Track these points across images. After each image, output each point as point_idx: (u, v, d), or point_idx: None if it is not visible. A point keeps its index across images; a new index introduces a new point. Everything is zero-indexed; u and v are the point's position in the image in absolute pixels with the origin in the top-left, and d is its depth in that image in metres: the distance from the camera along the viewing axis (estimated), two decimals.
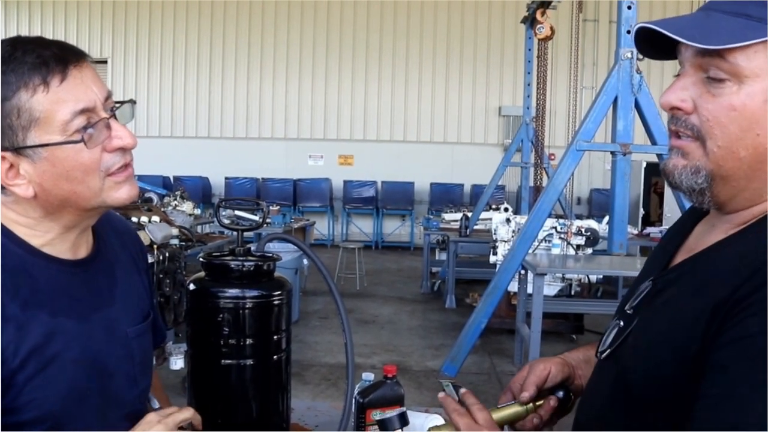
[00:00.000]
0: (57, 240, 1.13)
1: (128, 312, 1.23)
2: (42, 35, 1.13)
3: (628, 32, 4.81)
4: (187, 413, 1.20)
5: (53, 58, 1.03)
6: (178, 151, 14.38)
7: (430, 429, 1.18)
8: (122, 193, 1.12)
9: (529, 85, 8.90)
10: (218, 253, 1.45)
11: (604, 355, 1.09)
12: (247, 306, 1.38)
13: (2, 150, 1.03)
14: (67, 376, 1.08)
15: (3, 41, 1.04)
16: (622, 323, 1.08)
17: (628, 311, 1.07)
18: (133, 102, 1.16)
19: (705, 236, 1.03)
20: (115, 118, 1.10)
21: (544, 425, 1.25)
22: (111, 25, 14.54)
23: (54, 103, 1.02)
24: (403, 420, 1.16)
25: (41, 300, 1.07)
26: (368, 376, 1.71)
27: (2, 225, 1.09)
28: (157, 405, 1.25)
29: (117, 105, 1.11)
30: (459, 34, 14.10)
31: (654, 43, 0.95)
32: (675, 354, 0.90)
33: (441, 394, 1.24)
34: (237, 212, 6.90)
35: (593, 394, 1.14)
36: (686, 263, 1.02)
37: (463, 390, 1.23)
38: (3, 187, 1.06)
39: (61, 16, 14.50)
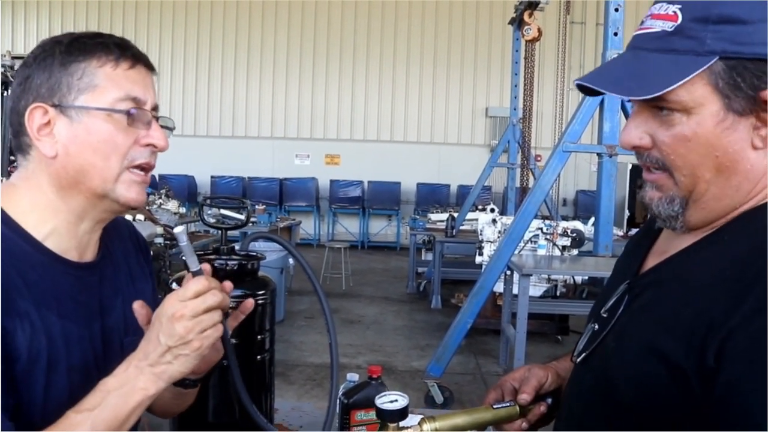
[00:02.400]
0: (64, 232, 1.11)
1: (125, 322, 1.21)
2: (26, 32, 1.14)
3: (615, 34, 4.83)
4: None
5: (131, 50, 1.13)
6: None
7: (421, 420, 1.17)
8: (132, 193, 1.12)
9: (516, 86, 8.92)
10: (201, 252, 1.44)
11: (580, 359, 1.09)
12: (230, 306, 1.37)
13: (48, 103, 1.07)
14: (67, 383, 1.07)
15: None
16: (596, 327, 1.08)
17: (603, 315, 1.06)
18: (172, 128, 1.23)
19: (675, 238, 1.03)
20: (157, 121, 1.15)
21: (528, 429, 1.25)
22: (96, 24, 14.44)
23: (115, 81, 1.08)
24: (404, 415, 1.15)
25: (50, 299, 1.06)
26: (353, 377, 1.70)
27: (11, 219, 1.08)
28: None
29: (161, 117, 1.17)
30: (446, 35, 14.12)
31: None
32: (661, 361, 0.89)
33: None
34: (222, 211, 6.86)
35: (571, 399, 1.14)
36: (662, 267, 1.02)
37: None
38: (28, 151, 1.09)
39: (45, 13, 14.38)
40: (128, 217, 4.84)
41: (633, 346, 0.96)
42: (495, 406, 1.24)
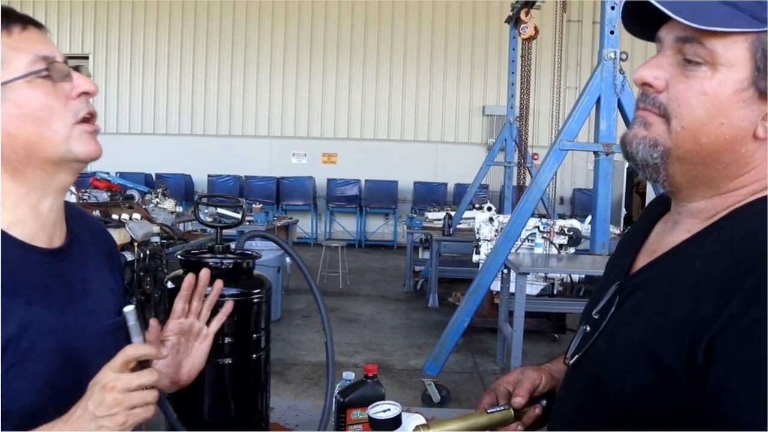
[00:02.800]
0: (28, 217, 1.10)
1: (103, 305, 1.21)
2: None
3: (612, 32, 4.83)
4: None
5: (14, 13, 1.08)
6: (161, 148, 14.30)
7: (416, 428, 1.17)
8: (90, 145, 1.11)
9: (512, 84, 8.92)
10: (197, 251, 1.43)
11: (572, 361, 1.09)
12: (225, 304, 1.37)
13: None
14: (44, 368, 1.06)
15: None
16: (588, 328, 1.07)
17: (595, 316, 1.06)
18: (84, 70, 1.17)
19: (665, 236, 1.03)
20: (76, 70, 1.12)
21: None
22: (93, 21, 14.43)
23: (16, 47, 1.05)
24: (397, 423, 1.14)
25: (17, 288, 1.05)
26: (349, 376, 1.70)
27: None
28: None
29: (74, 68, 1.13)
30: (443, 33, 14.12)
31: (638, 20, 0.95)
32: (652, 362, 0.89)
33: None
34: (219, 210, 6.86)
35: (564, 401, 1.14)
36: (652, 266, 1.01)
37: None
38: None
39: (41, 9, 14.35)
40: (124, 215, 4.83)
41: (624, 348, 0.95)
42: (489, 411, 1.23)
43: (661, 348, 0.88)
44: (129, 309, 1.09)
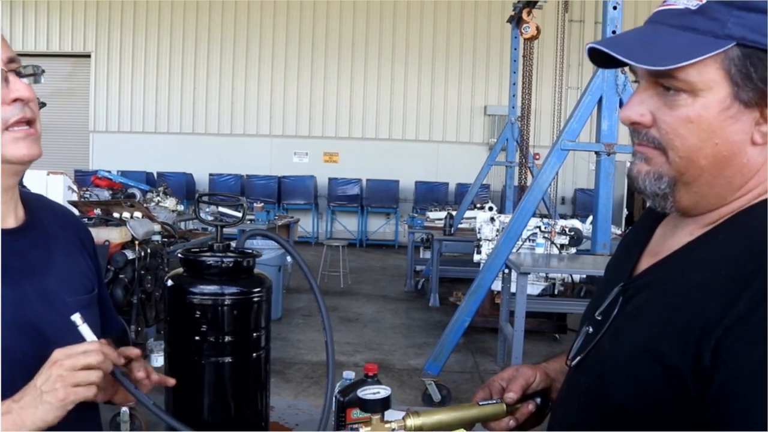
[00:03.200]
0: None
1: (67, 283, 1.23)
2: (24, 29, 1.14)
3: (614, 32, 4.82)
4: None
5: None
6: (162, 146, 14.31)
7: (406, 414, 1.17)
8: (21, 149, 1.12)
9: (514, 84, 8.91)
10: (197, 249, 1.43)
11: (575, 362, 1.09)
12: (225, 303, 1.36)
13: None
14: (1, 340, 1.08)
15: None
16: (591, 330, 1.07)
17: (597, 317, 1.06)
18: (40, 71, 1.18)
19: (668, 239, 1.03)
20: (17, 75, 1.12)
21: (517, 428, 1.25)
22: (94, 20, 14.43)
23: None
24: (386, 405, 1.15)
25: None
26: (349, 375, 1.70)
27: None
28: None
29: (23, 72, 1.14)
30: (445, 33, 14.11)
31: (607, 56, 0.95)
32: (657, 363, 0.89)
33: None
34: (220, 208, 6.86)
35: (565, 402, 1.14)
36: (656, 268, 1.01)
37: None
38: None
39: (43, 8, 14.36)
40: (125, 214, 4.83)
41: (628, 349, 0.95)
42: (481, 403, 1.24)
43: (667, 349, 0.88)
44: (75, 317, 1.12)
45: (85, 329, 1.12)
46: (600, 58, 0.97)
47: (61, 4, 14.46)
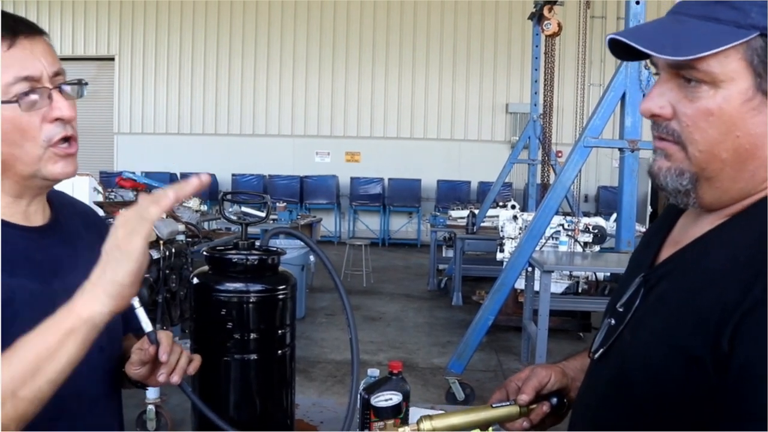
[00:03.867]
0: (6, 209, 1.15)
1: None
2: (49, 33, 1.15)
3: None
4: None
5: (5, 27, 1.07)
6: (185, 147, 14.42)
7: (420, 418, 1.18)
8: (58, 168, 1.14)
9: (536, 81, 8.86)
10: (222, 247, 1.44)
11: (597, 355, 1.08)
12: (250, 300, 1.37)
13: None
14: None
15: None
16: (613, 321, 1.06)
17: (619, 309, 1.05)
18: (82, 83, 1.18)
19: (690, 228, 1.02)
20: (60, 92, 1.12)
21: (532, 428, 1.25)
22: (118, 23, 14.58)
23: None
24: (398, 411, 1.16)
25: None
26: (373, 372, 1.70)
27: None
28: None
29: (67, 83, 1.14)
30: (466, 31, 14.07)
31: (628, 48, 0.94)
32: (677, 351, 0.89)
33: None
34: (243, 208, 6.89)
35: (588, 395, 1.13)
36: (676, 257, 1.00)
37: None
38: None
39: (68, 13, 14.52)
40: None
41: (648, 338, 0.95)
42: (494, 405, 1.24)
43: (687, 337, 0.88)
44: (134, 299, 1.11)
45: (141, 313, 1.13)
46: (621, 50, 0.96)
47: (85, 9, 14.62)
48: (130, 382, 1.32)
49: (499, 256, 6.65)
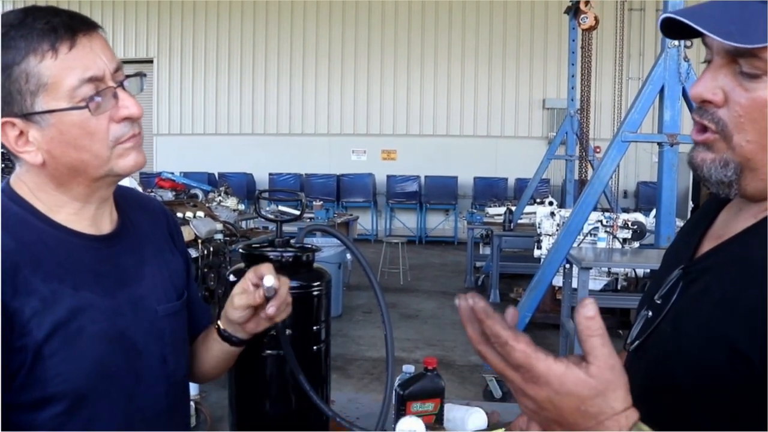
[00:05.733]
0: (75, 216, 1.13)
1: (158, 290, 1.22)
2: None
3: None
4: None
5: (62, 25, 1.03)
6: (223, 148, 14.57)
7: None
8: (129, 161, 1.11)
9: (573, 76, 8.77)
10: (257, 245, 1.46)
11: (633, 346, 1.07)
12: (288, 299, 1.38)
13: (12, 116, 1.04)
14: (94, 351, 1.08)
15: (15, 9, 1.06)
16: (650, 314, 1.05)
17: (657, 301, 1.04)
18: (143, 75, 1.16)
19: (732, 222, 1.00)
20: (123, 89, 1.10)
21: None
22: (156, 26, 14.79)
23: (62, 70, 1.03)
24: None
25: (63, 273, 1.07)
26: (409, 369, 1.71)
27: (21, 198, 1.10)
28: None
29: (127, 77, 1.12)
30: (502, 26, 13.98)
31: (680, 26, 0.90)
32: (721, 344, 0.88)
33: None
34: (280, 207, 6.95)
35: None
36: (719, 250, 0.99)
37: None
38: (15, 156, 1.08)
39: (109, 16, 14.76)
40: (188, 213, 4.94)
41: (691, 331, 0.94)
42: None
43: (733, 330, 0.87)
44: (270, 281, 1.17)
45: (269, 280, 1.17)
46: (672, 30, 0.92)
47: (125, 12, 14.85)
48: (222, 336, 1.29)
49: (536, 252, 6.60)
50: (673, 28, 0.92)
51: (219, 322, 1.29)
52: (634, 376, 1.08)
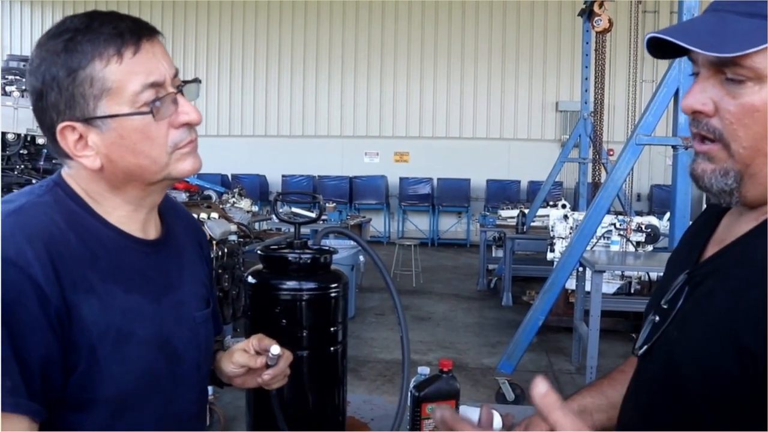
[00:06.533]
0: (126, 219, 1.13)
1: (195, 297, 1.24)
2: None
3: None
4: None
5: (128, 30, 1.05)
6: (236, 149, 14.62)
7: None
8: (187, 165, 1.12)
9: (586, 79, 8.73)
10: (276, 246, 1.47)
11: (642, 351, 1.09)
12: (304, 298, 1.40)
13: (73, 120, 1.04)
14: (142, 356, 1.08)
15: (79, 14, 1.06)
16: (657, 318, 1.07)
17: (664, 306, 1.06)
18: (198, 81, 1.17)
19: (734, 227, 1.03)
20: (182, 94, 1.11)
21: None
22: (171, 28, 14.84)
23: (126, 74, 1.04)
24: None
25: (117, 274, 1.08)
26: (424, 370, 1.71)
27: (77, 194, 1.10)
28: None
29: (184, 83, 1.13)
30: (515, 29, 13.97)
31: (666, 45, 0.94)
32: (731, 346, 0.89)
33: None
34: (294, 209, 6.97)
35: (635, 391, 1.14)
36: (722, 254, 1.01)
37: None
38: (71, 159, 1.08)
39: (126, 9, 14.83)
40: (203, 215, 4.96)
41: (698, 333, 0.95)
42: None
43: (738, 331, 0.88)
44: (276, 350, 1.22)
45: (275, 349, 1.23)
46: (659, 49, 0.97)
47: (140, 13, 14.91)
48: (213, 381, 1.35)
49: (549, 255, 6.59)
50: (659, 47, 0.96)
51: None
52: (643, 381, 1.10)
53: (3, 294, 0.93)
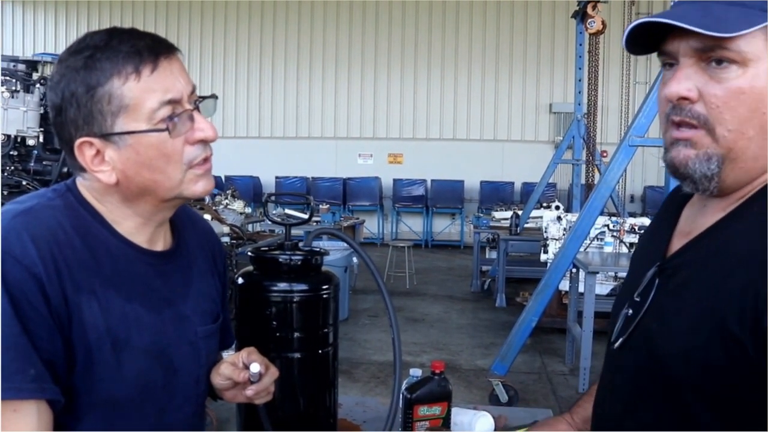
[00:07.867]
0: (134, 230, 1.14)
1: (199, 311, 1.24)
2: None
3: None
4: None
5: (146, 48, 1.06)
6: (230, 150, 14.53)
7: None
8: (199, 187, 1.13)
9: (580, 81, 8.75)
10: (266, 248, 1.46)
11: (618, 344, 1.10)
12: (294, 300, 1.39)
13: (91, 136, 1.06)
14: (137, 364, 1.09)
15: (100, 30, 1.08)
16: (630, 312, 1.08)
17: (636, 299, 1.07)
18: (215, 97, 1.18)
19: (699, 218, 1.05)
20: (199, 111, 1.12)
21: None
22: (164, 30, 14.81)
23: (144, 92, 1.05)
24: None
25: (119, 282, 1.09)
26: (416, 372, 1.71)
27: (87, 201, 1.11)
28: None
29: (200, 99, 1.14)
30: (508, 30, 13.99)
31: (640, 40, 0.99)
32: (714, 334, 0.91)
33: None
34: (287, 210, 6.96)
35: (614, 384, 1.14)
36: (693, 246, 1.02)
37: None
38: (84, 171, 1.10)
39: (117, 18, 14.82)
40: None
41: (680, 323, 0.97)
42: None
43: (724, 319, 0.90)
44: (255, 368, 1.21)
45: (255, 367, 1.22)
46: (637, 45, 1.00)
47: (133, 8, 14.91)
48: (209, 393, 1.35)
49: (543, 257, 6.60)
50: (636, 41, 0.99)
51: None
52: (623, 373, 1.11)
53: (12, 289, 0.95)
